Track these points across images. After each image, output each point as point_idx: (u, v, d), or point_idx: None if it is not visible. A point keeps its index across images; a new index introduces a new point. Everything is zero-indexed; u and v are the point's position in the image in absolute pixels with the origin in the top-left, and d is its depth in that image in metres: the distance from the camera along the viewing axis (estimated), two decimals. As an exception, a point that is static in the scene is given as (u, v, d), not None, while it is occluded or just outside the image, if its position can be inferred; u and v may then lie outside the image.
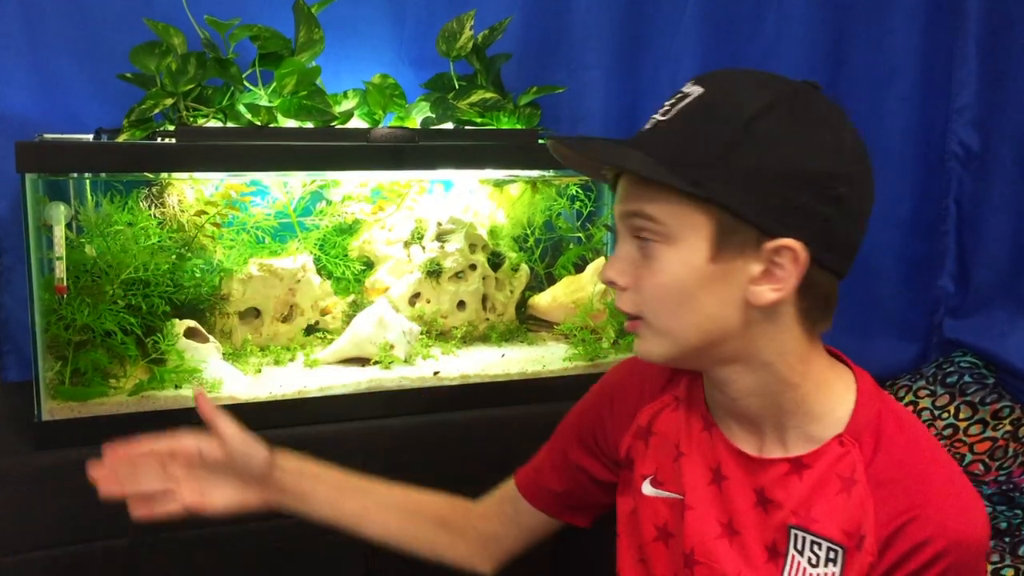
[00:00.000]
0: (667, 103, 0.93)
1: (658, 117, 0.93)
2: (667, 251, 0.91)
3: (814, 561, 0.94)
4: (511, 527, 1.23)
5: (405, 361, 1.68)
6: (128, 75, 1.63)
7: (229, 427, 1.13)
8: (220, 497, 1.12)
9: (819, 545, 0.94)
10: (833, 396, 0.97)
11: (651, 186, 0.90)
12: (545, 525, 1.22)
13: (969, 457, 2.11)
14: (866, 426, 0.95)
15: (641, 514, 1.08)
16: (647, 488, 1.07)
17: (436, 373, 1.66)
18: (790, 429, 0.97)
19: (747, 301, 0.91)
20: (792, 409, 0.96)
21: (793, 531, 0.95)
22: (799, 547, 0.95)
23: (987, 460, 2.10)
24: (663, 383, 1.10)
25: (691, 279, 0.90)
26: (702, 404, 1.05)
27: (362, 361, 1.69)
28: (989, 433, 2.12)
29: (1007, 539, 1.82)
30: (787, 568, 0.95)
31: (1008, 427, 2.11)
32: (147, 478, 1.09)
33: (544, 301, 1.88)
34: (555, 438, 1.22)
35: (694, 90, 0.92)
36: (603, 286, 1.83)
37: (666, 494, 1.05)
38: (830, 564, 0.93)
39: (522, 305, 1.92)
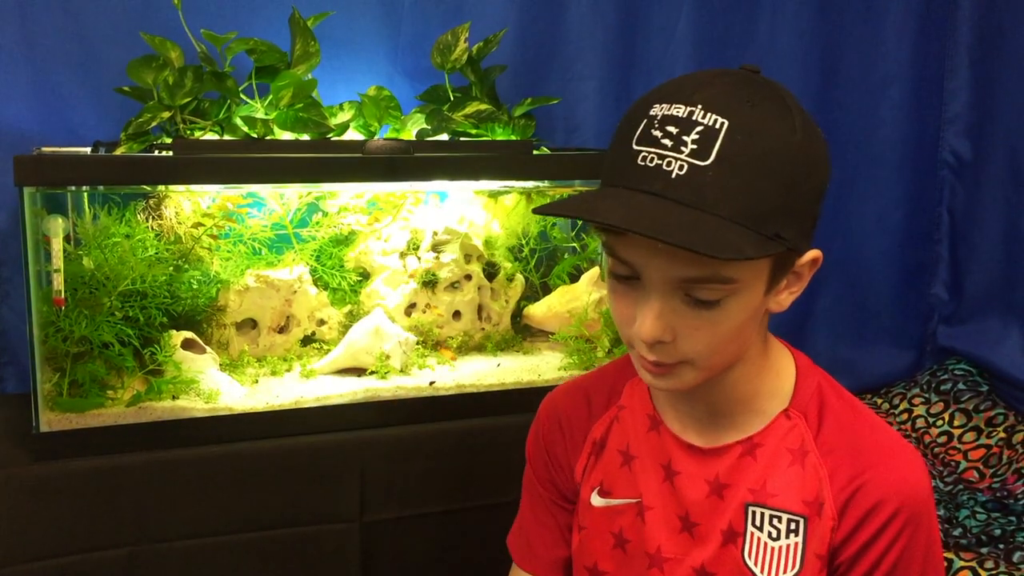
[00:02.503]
0: (687, 138, 0.83)
1: (689, 160, 0.82)
2: (733, 301, 0.87)
3: (775, 535, 0.96)
4: None
5: (401, 371, 1.69)
6: (126, 88, 1.64)
7: None
8: None
9: (779, 518, 0.96)
10: (781, 373, 1.00)
11: None
12: None
13: (963, 464, 2.12)
14: (809, 399, 0.98)
15: (592, 530, 1.08)
16: (595, 499, 1.07)
17: (432, 383, 1.67)
18: (743, 413, 0.99)
19: (768, 309, 0.93)
20: (753, 392, 0.99)
21: (751, 508, 0.97)
22: (758, 524, 0.97)
23: (981, 467, 2.10)
24: (607, 397, 1.11)
25: (748, 317, 0.90)
26: (648, 404, 1.06)
27: (358, 371, 1.70)
28: (983, 440, 2.13)
29: (1001, 546, 1.82)
30: (746, 546, 0.97)
31: (1002, 434, 2.12)
32: None
33: (539, 311, 1.89)
34: (525, 493, 1.19)
35: (715, 120, 0.83)
36: (598, 295, 1.84)
37: (617, 501, 1.06)
38: (791, 535, 0.95)
39: (517, 315, 1.93)
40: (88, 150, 1.61)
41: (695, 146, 0.83)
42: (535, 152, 1.74)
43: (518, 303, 1.93)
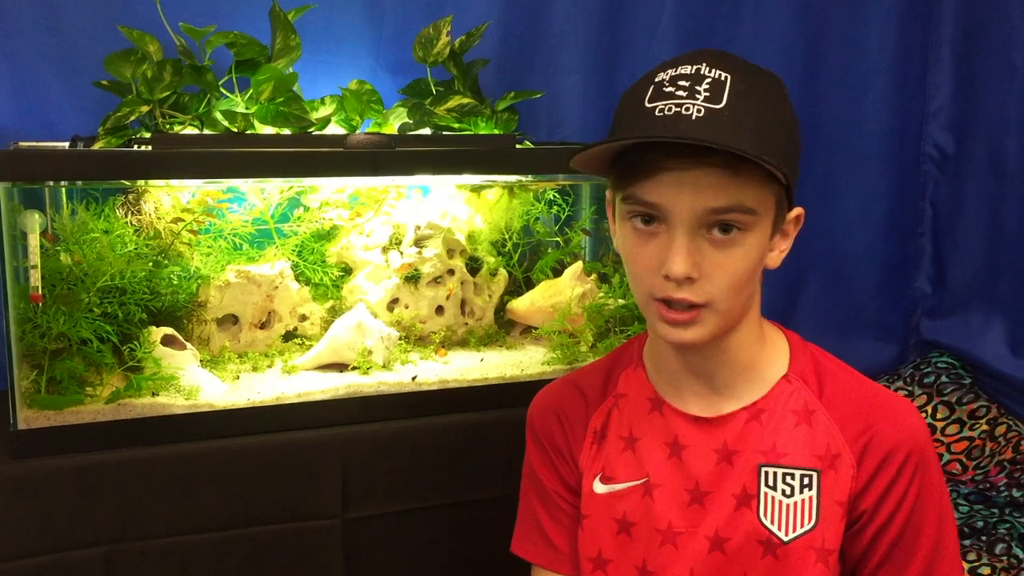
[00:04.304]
0: (700, 88, 0.92)
1: (705, 104, 0.91)
2: (750, 236, 0.95)
3: (788, 492, 1.02)
4: None
5: (383, 366, 1.68)
6: (104, 83, 1.62)
7: None
8: None
9: (792, 475, 1.02)
10: (776, 345, 1.08)
11: (743, 178, 0.92)
12: None
13: (946, 457, 2.13)
14: (806, 365, 1.07)
15: (594, 518, 1.11)
16: (598, 487, 1.11)
17: (414, 378, 1.66)
18: (744, 383, 1.05)
19: (765, 265, 1.01)
20: (750, 362, 1.06)
21: (763, 469, 1.02)
22: (771, 483, 1.02)
23: (964, 460, 2.11)
24: (602, 387, 1.15)
25: (759, 257, 0.98)
26: (648, 389, 1.10)
27: (340, 367, 1.69)
28: (966, 433, 2.14)
29: (984, 538, 1.83)
30: (761, 506, 1.02)
31: (985, 427, 2.13)
32: None
33: (522, 305, 1.89)
34: (534, 498, 1.20)
35: (719, 74, 0.93)
36: (581, 290, 1.84)
37: (620, 486, 1.09)
38: (806, 490, 1.01)
39: (501, 309, 1.92)
40: (66, 145, 1.59)
41: (708, 93, 0.92)
42: (518, 146, 1.73)
43: (501, 298, 1.92)
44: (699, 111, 0.91)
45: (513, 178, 1.82)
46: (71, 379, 1.48)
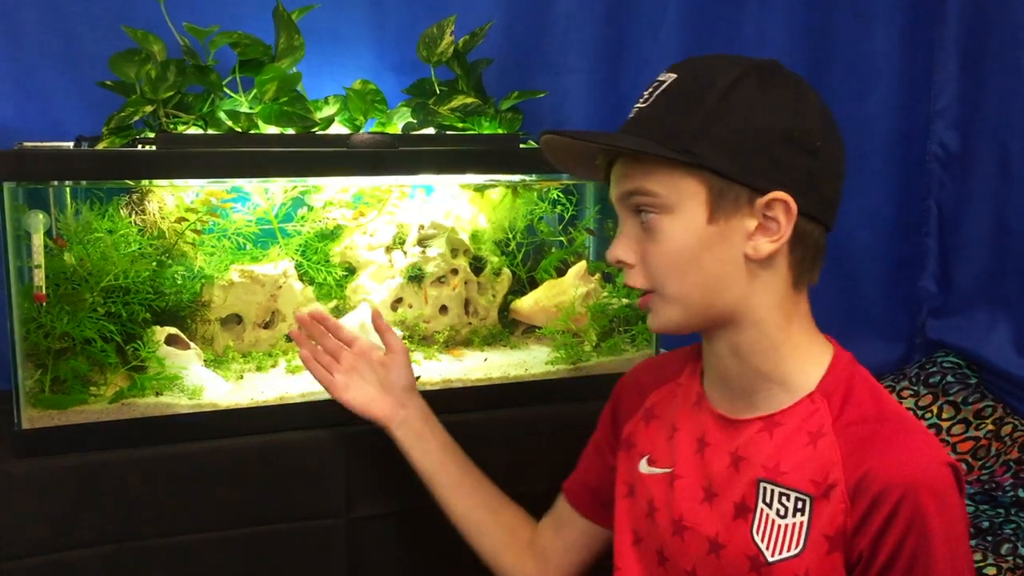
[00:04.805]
0: (646, 92, 1.03)
1: (639, 106, 1.03)
2: (668, 221, 0.99)
3: (782, 512, 0.99)
4: (557, 541, 1.29)
5: (387, 366, 1.68)
6: (108, 82, 1.63)
7: (397, 342, 1.37)
8: (356, 393, 1.37)
9: (787, 496, 0.99)
10: (808, 359, 1.04)
11: (645, 163, 1.00)
12: (587, 537, 1.26)
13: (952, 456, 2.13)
14: (837, 386, 1.02)
15: (639, 495, 1.14)
16: (644, 467, 1.14)
17: (418, 378, 1.66)
18: (761, 391, 1.04)
19: (746, 256, 1.00)
20: (769, 370, 1.03)
21: (762, 484, 1.01)
22: (767, 500, 1.00)
23: (970, 460, 2.10)
24: (673, 372, 1.18)
25: (693, 243, 0.99)
26: (698, 382, 1.12)
27: (344, 367, 1.68)
28: (972, 433, 2.13)
29: (989, 538, 1.83)
30: (756, 522, 1.00)
31: (990, 427, 2.12)
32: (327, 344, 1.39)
33: (526, 305, 1.88)
34: (591, 439, 1.31)
35: (668, 77, 1.02)
36: (585, 290, 1.83)
37: (658, 470, 1.12)
38: (798, 514, 0.98)
39: (504, 309, 1.92)
40: (71, 145, 1.59)
41: (647, 95, 1.03)
42: (522, 146, 1.73)
43: (505, 297, 1.92)
44: (634, 113, 1.04)
45: (517, 178, 1.82)
46: (75, 379, 1.48)
